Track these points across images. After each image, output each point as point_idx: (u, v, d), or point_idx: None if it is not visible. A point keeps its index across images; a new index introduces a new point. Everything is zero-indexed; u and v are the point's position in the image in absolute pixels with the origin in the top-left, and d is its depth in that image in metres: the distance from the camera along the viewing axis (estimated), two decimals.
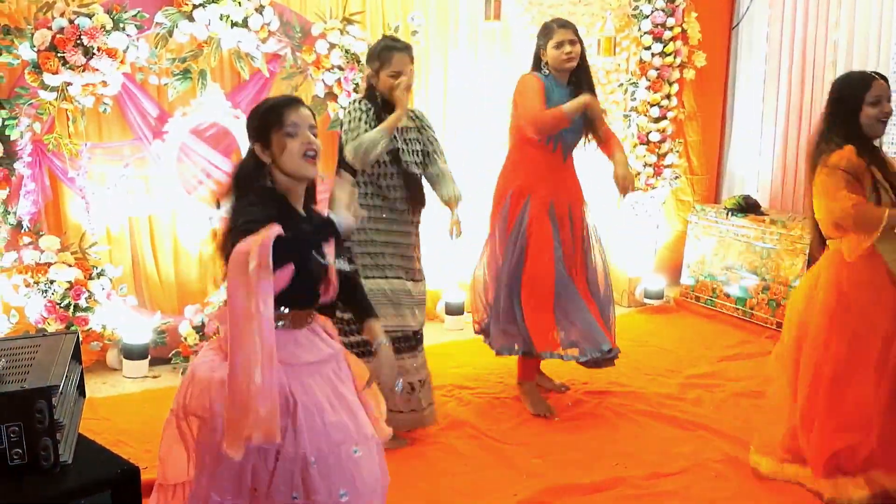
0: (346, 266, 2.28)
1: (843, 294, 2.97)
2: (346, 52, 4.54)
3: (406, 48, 3.37)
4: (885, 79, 3.00)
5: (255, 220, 1.90)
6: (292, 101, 2.18)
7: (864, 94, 2.95)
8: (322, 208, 2.27)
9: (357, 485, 2.06)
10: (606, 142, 3.83)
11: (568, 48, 3.68)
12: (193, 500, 2.11)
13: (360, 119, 3.27)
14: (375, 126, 3.25)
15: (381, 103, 3.33)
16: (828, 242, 3.08)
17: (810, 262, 3.44)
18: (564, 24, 3.76)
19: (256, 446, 1.94)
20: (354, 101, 3.39)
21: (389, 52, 3.30)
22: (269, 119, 2.12)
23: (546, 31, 3.77)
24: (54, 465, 1.92)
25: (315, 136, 2.14)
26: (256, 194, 2.08)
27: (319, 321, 2.24)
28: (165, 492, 2.19)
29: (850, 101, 2.98)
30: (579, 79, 3.78)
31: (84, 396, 2.32)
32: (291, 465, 2.02)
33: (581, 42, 3.76)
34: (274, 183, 2.13)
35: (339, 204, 2.34)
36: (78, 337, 2.32)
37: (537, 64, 3.83)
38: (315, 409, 2.06)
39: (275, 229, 1.86)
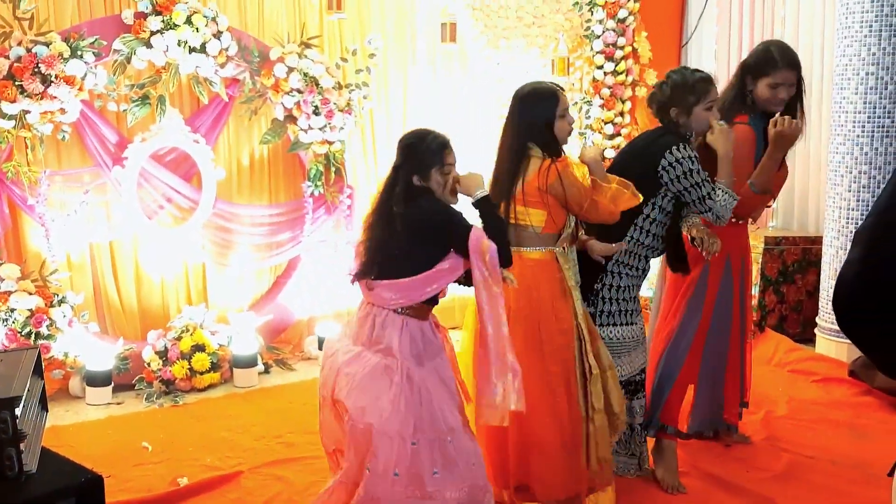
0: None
1: (529, 290, 2.82)
2: (305, 75, 4.59)
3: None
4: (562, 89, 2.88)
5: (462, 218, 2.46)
6: (448, 144, 2.51)
7: (555, 109, 2.81)
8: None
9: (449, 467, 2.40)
10: None
11: (784, 93, 3.20)
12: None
13: (696, 160, 2.96)
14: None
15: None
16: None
17: None
18: (792, 61, 3.20)
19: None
20: (679, 145, 2.96)
21: (706, 84, 3.02)
22: (431, 159, 2.47)
23: (765, 61, 3.20)
24: (19, 473, 1.94)
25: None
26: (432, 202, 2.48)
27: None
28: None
29: (543, 115, 2.81)
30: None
31: (46, 411, 2.32)
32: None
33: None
34: None
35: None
36: (39, 352, 2.33)
37: (741, 100, 3.27)
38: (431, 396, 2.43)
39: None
